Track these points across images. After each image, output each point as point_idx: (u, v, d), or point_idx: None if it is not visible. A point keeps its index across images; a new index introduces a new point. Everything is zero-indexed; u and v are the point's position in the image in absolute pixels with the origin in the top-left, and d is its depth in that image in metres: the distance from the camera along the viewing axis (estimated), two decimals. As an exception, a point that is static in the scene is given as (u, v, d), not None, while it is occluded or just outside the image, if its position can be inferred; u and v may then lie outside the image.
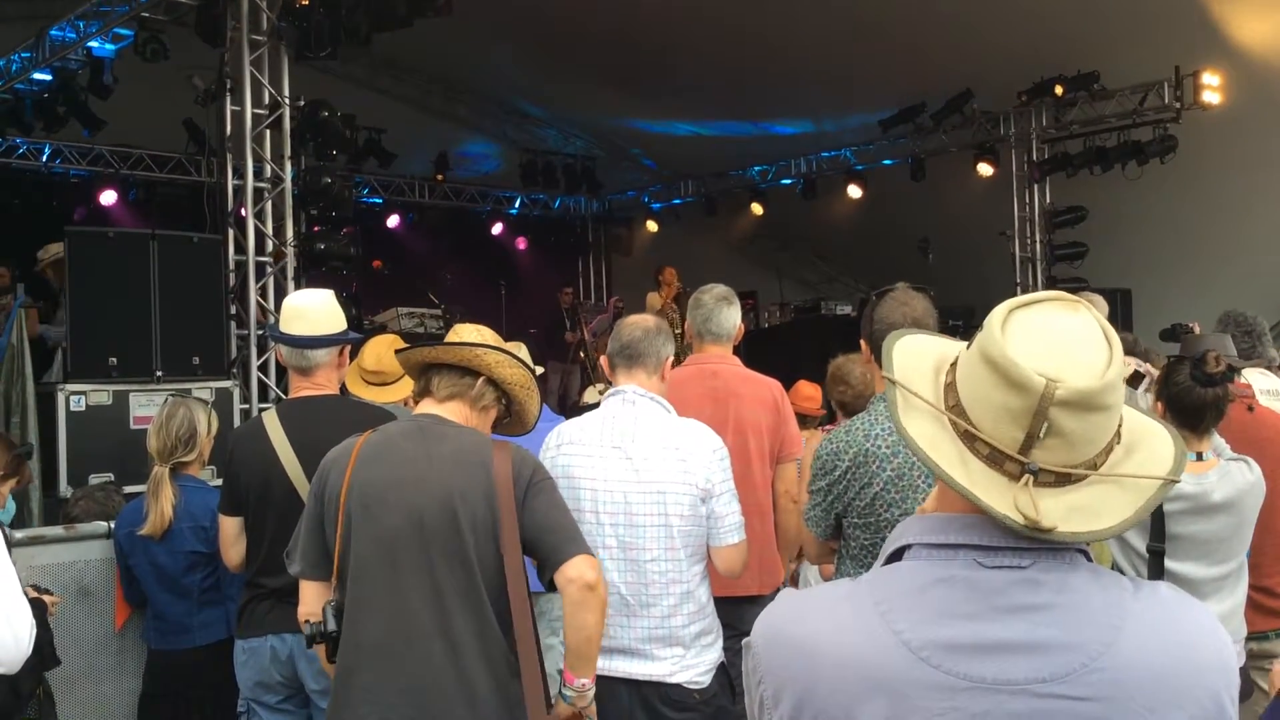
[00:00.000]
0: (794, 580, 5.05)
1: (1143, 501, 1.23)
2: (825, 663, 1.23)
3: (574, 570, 2.54)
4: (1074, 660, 1.18)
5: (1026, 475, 1.20)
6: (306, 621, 2.68)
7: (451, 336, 3.01)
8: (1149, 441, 1.29)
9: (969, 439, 1.24)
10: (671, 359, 3.32)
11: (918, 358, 1.34)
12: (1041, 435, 1.19)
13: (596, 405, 3.35)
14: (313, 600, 2.71)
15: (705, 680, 3.06)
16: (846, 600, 1.27)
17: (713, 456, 3.10)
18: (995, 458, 1.22)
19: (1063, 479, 1.21)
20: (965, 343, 1.33)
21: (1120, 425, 1.26)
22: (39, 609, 3.17)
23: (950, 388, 1.28)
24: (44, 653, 3.25)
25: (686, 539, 3.06)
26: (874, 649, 1.21)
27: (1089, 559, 1.25)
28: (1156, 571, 3.18)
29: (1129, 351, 5.09)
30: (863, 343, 3.01)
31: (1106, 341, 1.24)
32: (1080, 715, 1.17)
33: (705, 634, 3.10)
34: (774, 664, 1.28)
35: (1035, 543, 1.21)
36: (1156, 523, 3.18)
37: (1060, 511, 1.20)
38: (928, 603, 1.22)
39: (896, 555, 1.28)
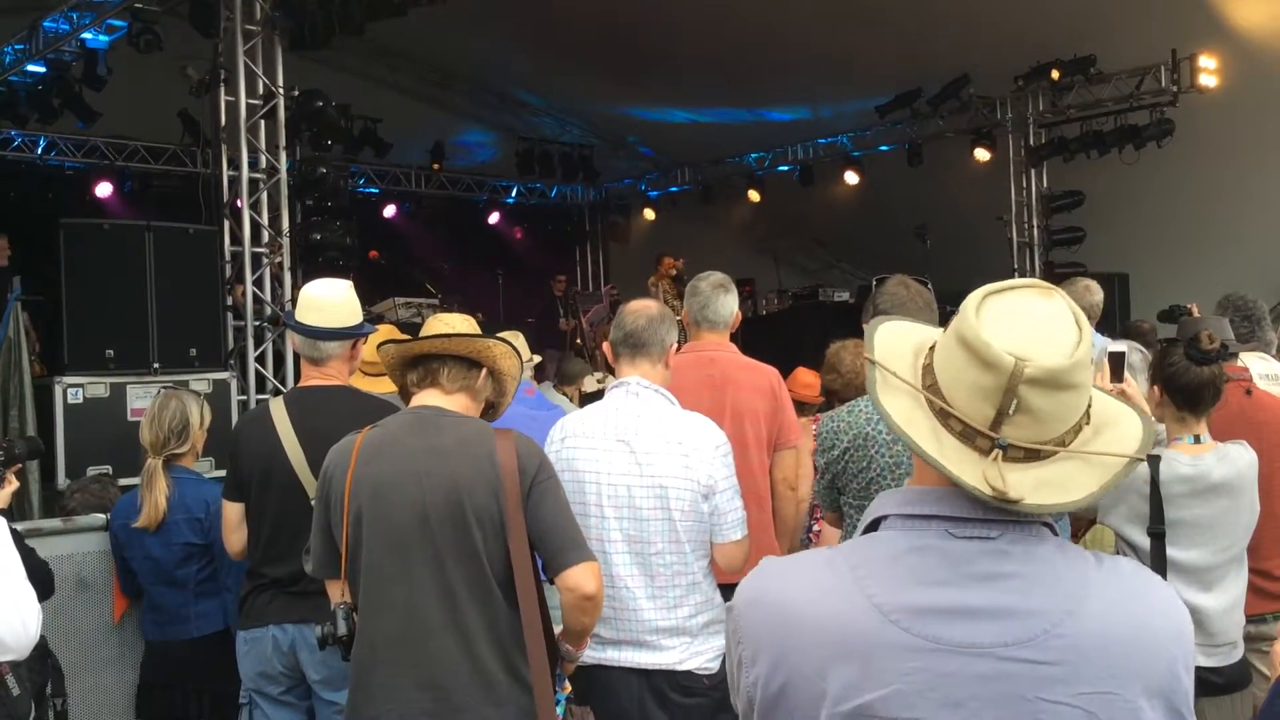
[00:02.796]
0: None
1: (1108, 477, 1.29)
2: (801, 624, 1.30)
3: (574, 580, 2.59)
4: (1037, 626, 1.24)
5: (996, 450, 1.26)
6: (318, 625, 2.71)
7: (438, 325, 2.97)
8: (1119, 423, 1.35)
9: (943, 416, 1.30)
10: (675, 345, 3.31)
11: (899, 341, 1.42)
12: (1011, 412, 1.25)
13: (595, 394, 3.34)
14: (335, 598, 2.74)
15: (714, 666, 3.07)
16: (826, 566, 1.34)
17: (715, 453, 3.09)
18: (968, 434, 1.28)
19: (1031, 455, 1.28)
20: (943, 329, 1.38)
21: (1090, 406, 1.32)
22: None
23: (928, 369, 1.35)
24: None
25: (690, 533, 3.06)
26: (848, 612, 1.28)
27: (1055, 534, 1.31)
28: (1158, 557, 3.18)
29: (1143, 340, 5.09)
30: (866, 326, 3.02)
31: (1076, 325, 1.30)
32: (1042, 678, 1.23)
33: (713, 623, 3.11)
34: (753, 624, 1.35)
35: (1004, 515, 1.27)
36: (1155, 507, 3.18)
37: (1028, 485, 1.26)
38: (901, 570, 1.29)
39: (874, 526, 1.35)
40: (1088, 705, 1.22)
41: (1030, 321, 1.28)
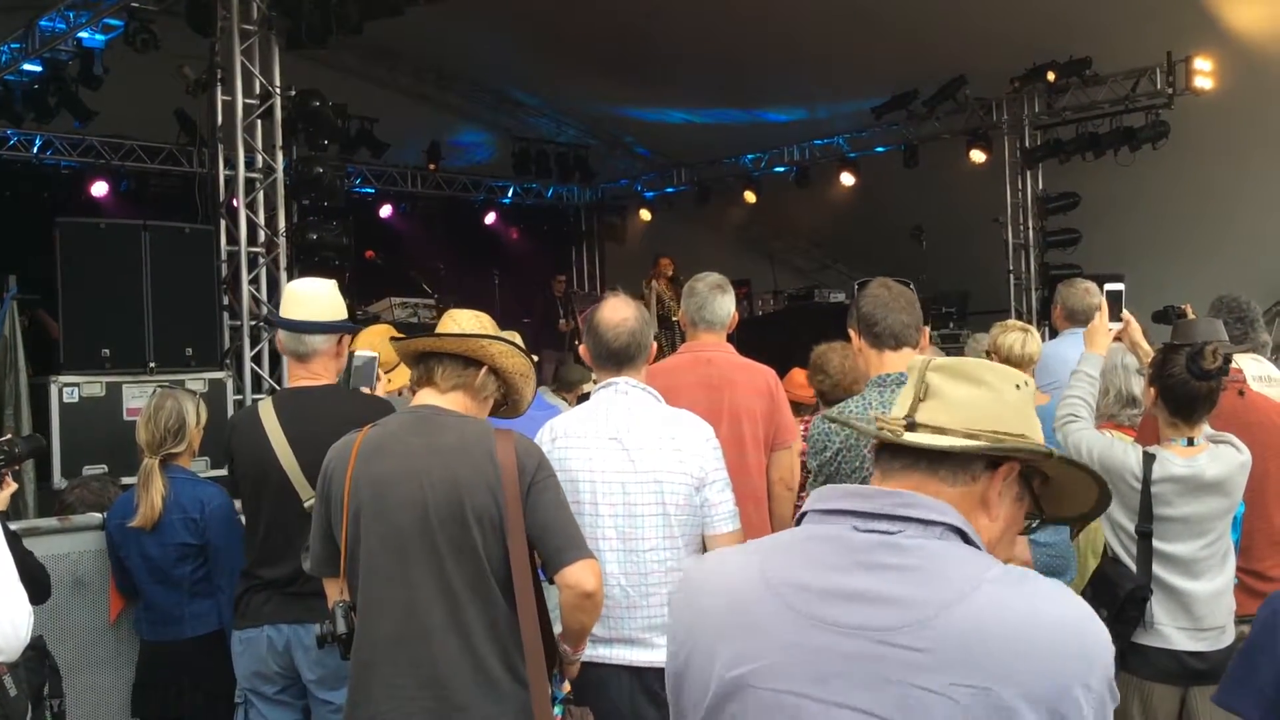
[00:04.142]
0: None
1: (989, 445, 1.41)
2: (705, 601, 1.41)
3: (573, 577, 2.60)
4: (912, 615, 1.28)
5: (902, 423, 1.44)
6: (317, 624, 2.72)
7: (449, 322, 2.98)
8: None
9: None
10: (655, 343, 3.32)
11: None
12: (923, 397, 1.45)
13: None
14: (334, 596, 2.75)
15: None
16: (743, 552, 1.47)
17: (706, 445, 3.11)
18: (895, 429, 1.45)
19: (938, 433, 1.42)
20: None
21: (1029, 449, 1.42)
22: None
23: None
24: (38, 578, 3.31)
25: (684, 527, 3.07)
26: (742, 586, 1.38)
27: (966, 540, 1.35)
28: (1144, 553, 3.21)
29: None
30: (851, 330, 3.04)
31: (1007, 367, 1.51)
32: (911, 664, 1.26)
33: None
34: (676, 608, 1.47)
35: (909, 515, 1.36)
36: (1145, 506, 3.20)
37: (914, 435, 1.42)
38: (799, 553, 1.40)
39: (799, 522, 1.45)
40: (957, 697, 1.23)
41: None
